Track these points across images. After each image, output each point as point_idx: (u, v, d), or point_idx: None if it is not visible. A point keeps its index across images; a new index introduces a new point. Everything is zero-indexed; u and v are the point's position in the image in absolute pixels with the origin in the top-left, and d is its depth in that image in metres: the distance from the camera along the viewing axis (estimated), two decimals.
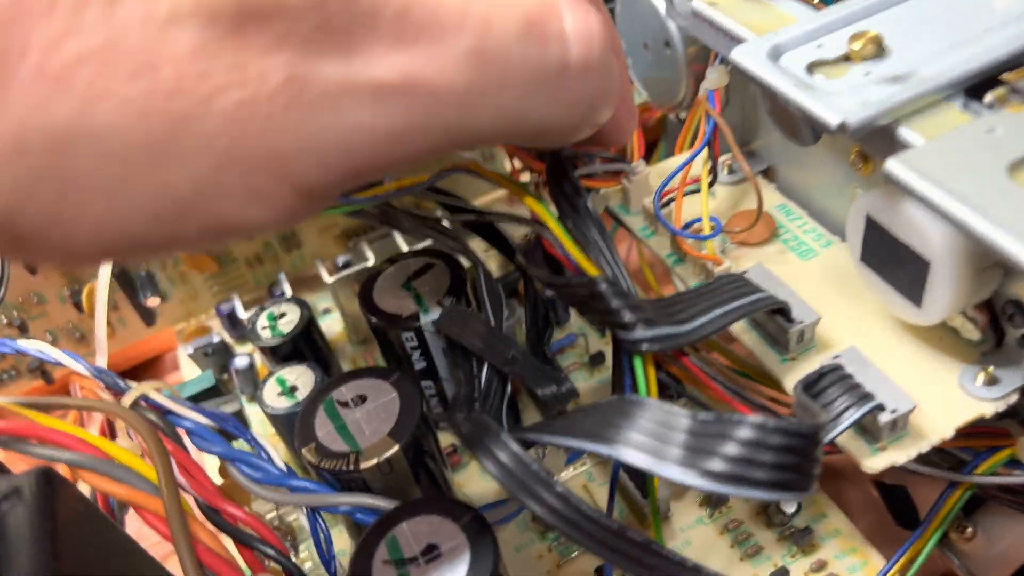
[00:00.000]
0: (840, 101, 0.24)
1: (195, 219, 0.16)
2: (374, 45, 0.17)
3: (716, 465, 0.20)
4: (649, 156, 0.45)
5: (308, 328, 0.37)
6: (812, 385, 0.26)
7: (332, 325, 0.45)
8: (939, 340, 0.29)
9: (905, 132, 0.24)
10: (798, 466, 0.20)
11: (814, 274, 0.32)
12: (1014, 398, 0.27)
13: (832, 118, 0.24)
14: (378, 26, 0.17)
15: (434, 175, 0.30)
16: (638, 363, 0.25)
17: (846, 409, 0.25)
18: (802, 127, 0.33)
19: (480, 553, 0.25)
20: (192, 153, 0.15)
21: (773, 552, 0.32)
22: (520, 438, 0.23)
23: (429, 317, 0.33)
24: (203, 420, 0.30)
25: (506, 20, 0.19)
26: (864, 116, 0.24)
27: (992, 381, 0.27)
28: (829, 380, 0.26)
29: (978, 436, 0.29)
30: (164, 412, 0.30)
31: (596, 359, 0.40)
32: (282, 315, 0.37)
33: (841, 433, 0.25)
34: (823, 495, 0.34)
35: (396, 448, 0.29)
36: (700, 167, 0.33)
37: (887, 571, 0.28)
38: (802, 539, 0.32)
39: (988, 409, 0.27)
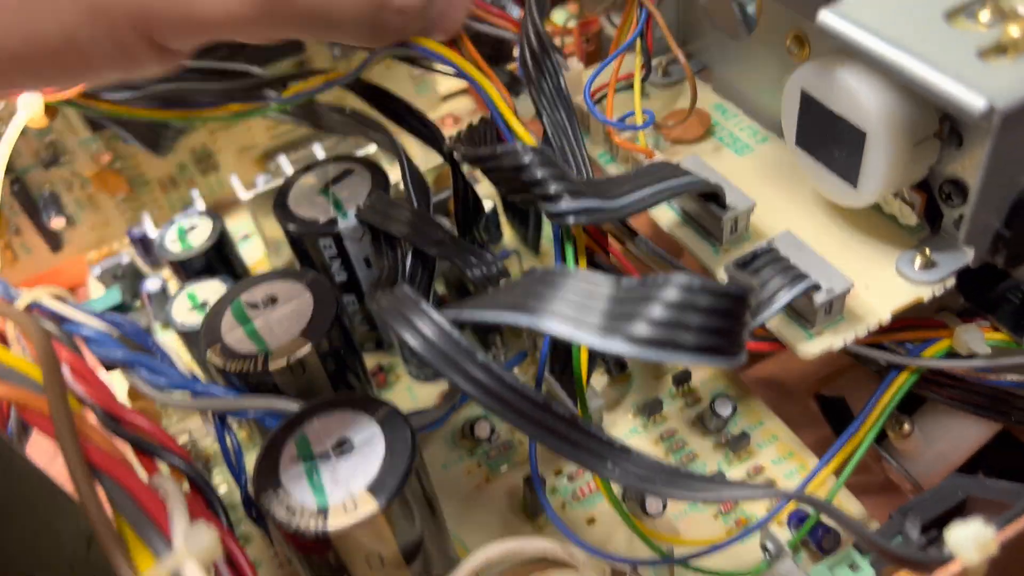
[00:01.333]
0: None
1: (63, 64, 0.20)
2: None
3: (641, 329, 0.18)
4: None
5: (220, 241, 0.35)
6: (744, 265, 0.25)
7: (252, 252, 0.42)
8: (876, 227, 0.28)
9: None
10: (727, 330, 0.19)
11: (749, 168, 0.30)
12: (951, 281, 0.26)
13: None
14: None
15: (361, 64, 0.28)
16: (565, 235, 0.24)
17: (780, 289, 0.24)
18: (738, 22, 0.31)
19: (397, 445, 0.24)
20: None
21: (709, 459, 0.31)
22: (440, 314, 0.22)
23: (348, 222, 0.31)
24: (100, 326, 0.28)
25: None
26: None
27: (929, 264, 0.26)
28: (762, 261, 0.25)
29: (914, 328, 0.28)
30: (60, 320, 0.28)
31: None
32: (192, 228, 0.35)
33: (776, 312, 0.24)
34: (760, 402, 0.33)
35: (308, 347, 0.27)
36: (634, 68, 0.31)
37: (820, 468, 0.27)
38: (738, 445, 0.31)
39: (926, 292, 0.26)
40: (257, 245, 0.42)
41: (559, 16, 0.45)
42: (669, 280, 0.18)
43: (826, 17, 0.21)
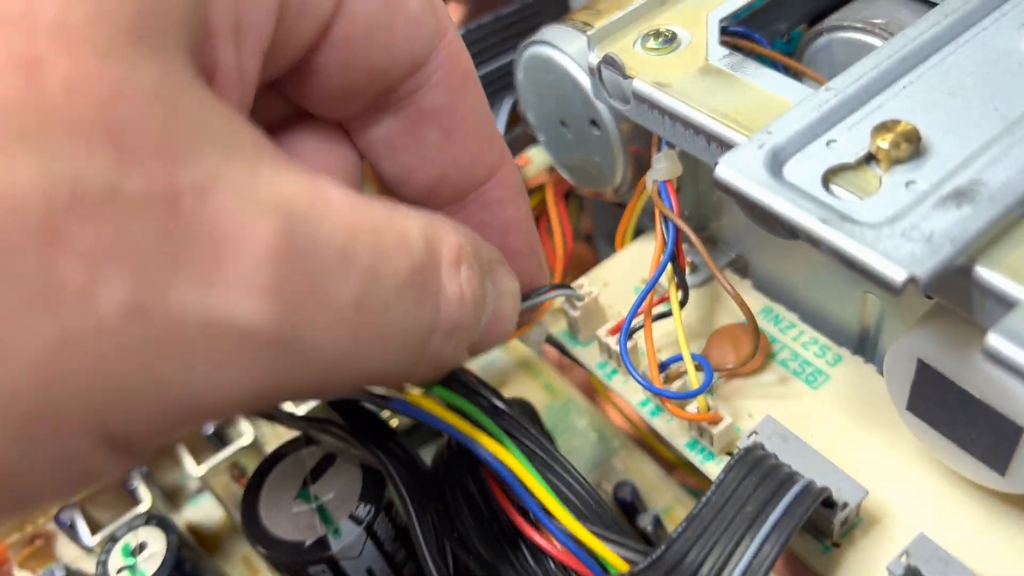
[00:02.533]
0: (890, 240, 0.17)
1: None
2: (244, 276, 0.13)
3: None
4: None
5: (179, 559, 0.28)
6: None
7: (209, 511, 0.35)
8: (1021, 501, 0.22)
9: (986, 273, 0.17)
10: None
11: (834, 408, 0.25)
12: None
13: (895, 273, 0.16)
14: (251, 250, 0.13)
15: None
16: None
17: None
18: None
19: None
20: None
21: None
22: None
23: (343, 540, 0.24)
24: None
25: (396, 271, 0.16)
26: (936, 263, 0.16)
27: None
28: None
29: None
30: None
31: None
32: (141, 547, 0.28)
33: None
34: None
35: None
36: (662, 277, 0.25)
37: None
38: None
39: None
40: (212, 502, 0.35)
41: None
42: None
43: (1001, 346, 0.15)
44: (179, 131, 0.13)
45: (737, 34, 0.25)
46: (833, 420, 0.24)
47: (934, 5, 0.24)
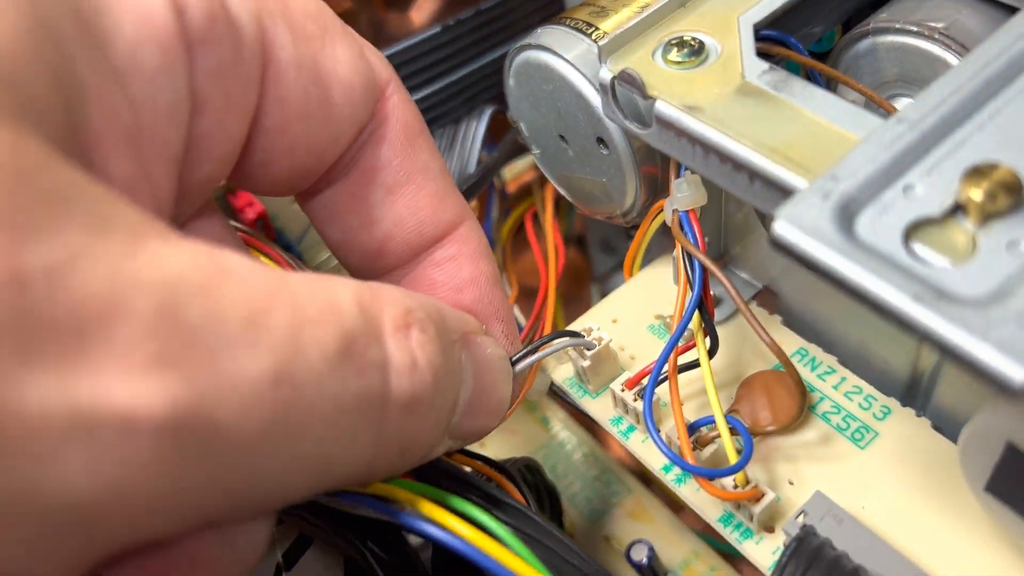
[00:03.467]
0: (1004, 327, 0.14)
1: None
2: (119, 355, 0.11)
3: None
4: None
5: None
6: None
7: None
8: None
9: None
10: None
11: (887, 476, 0.21)
12: None
13: (1015, 372, 0.13)
14: (127, 327, 0.11)
15: None
16: None
17: None
18: None
19: None
20: None
21: None
22: None
23: None
24: None
25: (322, 341, 0.14)
26: None
27: None
28: None
29: None
30: None
31: None
32: None
33: None
34: None
35: None
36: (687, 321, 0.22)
37: None
38: None
39: None
40: None
41: None
42: None
43: None
44: (30, 204, 0.11)
45: (769, 39, 0.22)
46: (887, 488, 0.21)
47: (1007, 7, 0.20)
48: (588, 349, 0.23)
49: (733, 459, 0.20)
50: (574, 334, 0.23)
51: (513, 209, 0.33)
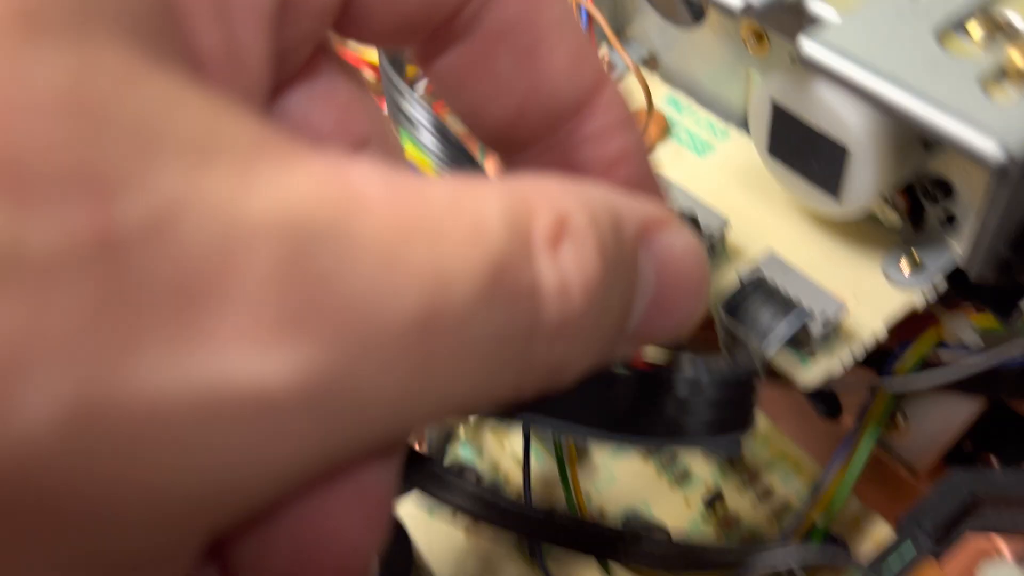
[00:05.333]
0: None
1: None
2: (241, 324, 0.09)
3: (653, 428, 0.18)
4: None
5: None
6: (736, 305, 0.23)
7: None
8: (856, 230, 0.26)
9: (816, 5, 0.21)
10: (739, 415, 0.19)
11: (714, 170, 0.29)
12: (941, 283, 0.25)
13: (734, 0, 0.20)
14: (246, 287, 0.09)
15: None
16: None
17: (775, 325, 0.23)
18: (680, 7, 0.29)
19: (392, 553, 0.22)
20: None
21: (702, 471, 0.31)
22: None
23: None
24: None
25: (470, 273, 0.11)
26: None
27: (917, 267, 0.25)
28: (752, 295, 0.24)
29: (903, 325, 0.27)
30: None
31: None
32: None
33: (776, 351, 0.23)
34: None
35: None
36: None
37: (822, 488, 0.27)
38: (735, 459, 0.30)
39: (918, 299, 0.25)
40: None
41: None
42: (676, 376, 0.17)
43: (811, 49, 0.19)
44: (113, 146, 0.09)
45: None
46: (711, 177, 0.28)
47: None
48: None
49: None
50: None
51: None
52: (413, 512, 0.29)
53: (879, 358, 0.28)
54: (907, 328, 0.27)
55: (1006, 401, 0.31)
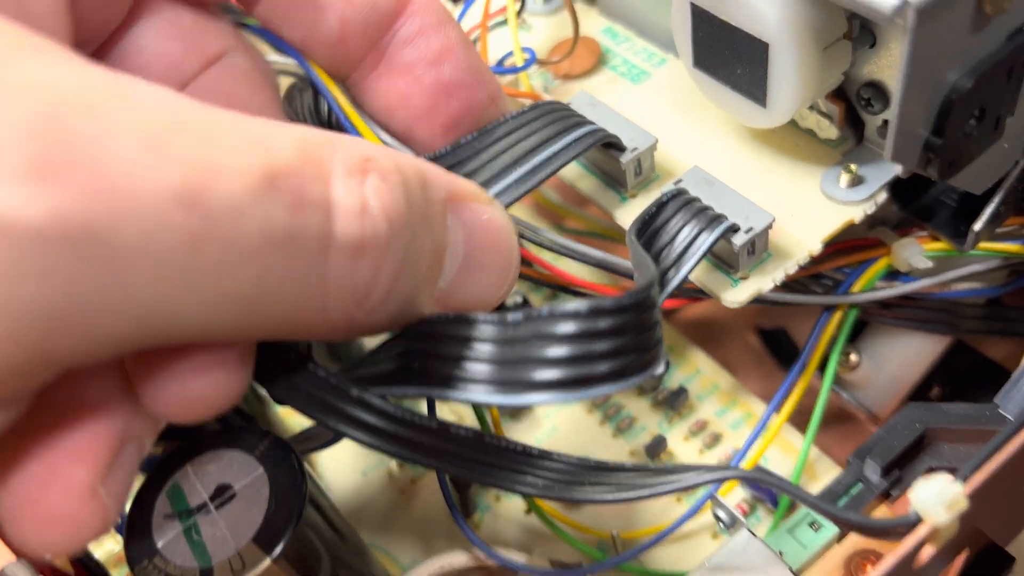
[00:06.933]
0: None
1: None
2: None
3: (546, 374, 0.16)
4: None
5: None
6: (650, 221, 0.21)
7: None
8: (794, 146, 0.25)
9: None
10: (640, 344, 0.17)
11: (649, 96, 0.27)
12: (883, 196, 0.23)
13: None
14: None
15: None
16: None
17: (695, 238, 0.21)
18: None
19: (282, 482, 0.20)
20: None
21: (648, 421, 0.29)
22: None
23: None
24: None
25: (238, 168, 0.13)
26: None
27: (857, 181, 0.23)
28: (671, 209, 0.22)
29: (849, 252, 0.25)
30: None
31: None
32: None
33: (694, 267, 0.21)
34: (696, 349, 0.30)
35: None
36: None
37: (766, 420, 0.25)
38: (677, 401, 0.28)
39: (857, 213, 0.23)
40: None
41: None
42: (559, 312, 0.16)
43: None
44: None
45: None
46: (645, 102, 0.27)
47: None
48: None
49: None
50: None
51: None
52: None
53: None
54: (855, 257, 0.25)
55: (968, 341, 0.29)
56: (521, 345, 0.16)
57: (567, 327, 0.16)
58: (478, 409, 0.22)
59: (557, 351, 0.16)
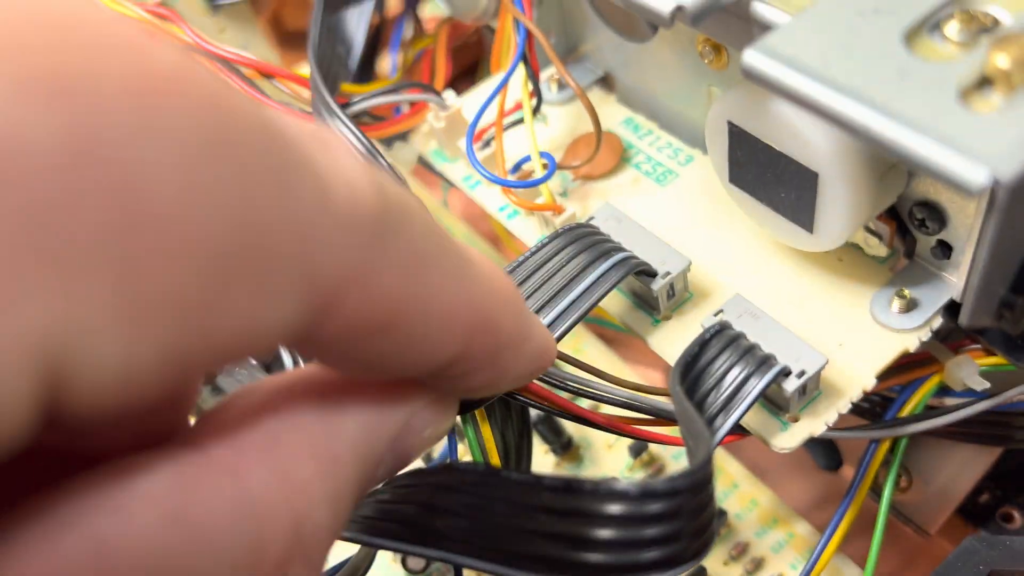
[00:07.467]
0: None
1: None
2: None
3: (594, 558, 0.14)
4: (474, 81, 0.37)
5: None
6: (692, 363, 0.20)
7: None
8: (839, 262, 0.23)
9: (761, 8, 0.18)
10: (693, 528, 0.15)
11: (677, 201, 0.25)
12: (938, 322, 0.22)
13: (662, 5, 0.17)
14: None
15: None
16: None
17: (743, 383, 0.19)
18: (634, 20, 0.26)
19: None
20: None
21: None
22: None
23: None
24: None
25: None
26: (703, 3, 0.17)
27: (910, 306, 0.21)
28: (716, 348, 0.20)
29: (899, 371, 0.23)
30: None
31: None
32: None
33: (743, 415, 0.19)
34: (730, 458, 0.29)
35: None
36: (520, 90, 0.26)
37: (818, 555, 0.23)
38: (716, 523, 0.27)
39: (911, 342, 0.21)
40: None
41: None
42: (607, 490, 0.14)
43: (755, 60, 0.16)
44: None
45: None
46: (674, 210, 0.25)
47: None
48: (443, 110, 0.27)
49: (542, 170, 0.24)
50: (433, 91, 0.27)
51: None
52: None
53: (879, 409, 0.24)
54: (905, 377, 0.24)
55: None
56: (565, 520, 0.15)
57: (614, 507, 0.14)
58: None
59: (605, 533, 0.14)
